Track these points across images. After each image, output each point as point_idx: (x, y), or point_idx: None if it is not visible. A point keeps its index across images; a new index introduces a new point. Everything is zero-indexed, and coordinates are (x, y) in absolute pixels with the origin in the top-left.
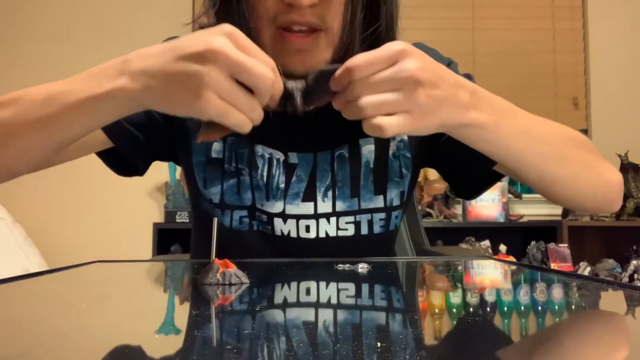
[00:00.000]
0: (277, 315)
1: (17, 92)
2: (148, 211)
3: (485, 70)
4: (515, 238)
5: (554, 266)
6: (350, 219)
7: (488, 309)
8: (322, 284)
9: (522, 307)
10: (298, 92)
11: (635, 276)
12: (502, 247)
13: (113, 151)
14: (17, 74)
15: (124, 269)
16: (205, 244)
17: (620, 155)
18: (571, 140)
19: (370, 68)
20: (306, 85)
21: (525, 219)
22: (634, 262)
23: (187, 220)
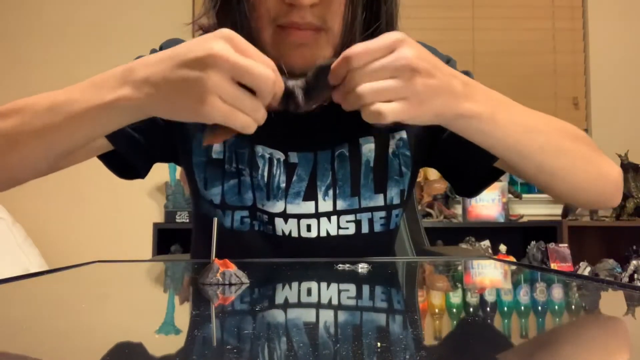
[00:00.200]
0: (277, 316)
1: (20, 101)
2: (148, 211)
3: (485, 70)
4: (515, 238)
5: (554, 266)
6: (351, 217)
7: (488, 309)
8: (322, 284)
9: (522, 307)
10: (299, 90)
11: (635, 276)
12: (502, 247)
13: (114, 154)
14: (17, 74)
15: (124, 269)
16: (205, 244)
17: (620, 155)
18: (569, 134)
19: (368, 56)
20: (306, 82)
21: (525, 219)
22: (634, 262)
23: (187, 220)
